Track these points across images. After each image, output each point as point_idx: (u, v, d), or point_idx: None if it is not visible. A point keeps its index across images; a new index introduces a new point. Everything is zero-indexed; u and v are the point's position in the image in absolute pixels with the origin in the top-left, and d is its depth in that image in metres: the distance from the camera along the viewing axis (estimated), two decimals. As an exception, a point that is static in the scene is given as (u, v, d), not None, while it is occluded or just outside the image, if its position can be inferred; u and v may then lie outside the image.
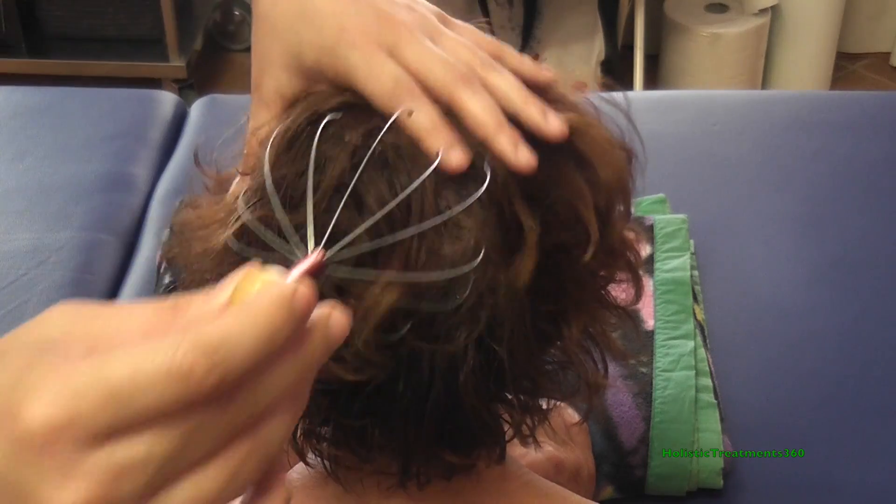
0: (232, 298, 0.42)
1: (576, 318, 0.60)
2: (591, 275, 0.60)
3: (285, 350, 0.41)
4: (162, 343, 0.39)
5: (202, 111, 1.57)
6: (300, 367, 0.42)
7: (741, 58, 2.47)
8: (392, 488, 0.61)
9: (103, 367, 0.39)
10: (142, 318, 0.42)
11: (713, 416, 1.05)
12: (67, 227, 1.34)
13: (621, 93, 0.65)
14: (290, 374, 0.41)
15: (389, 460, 0.60)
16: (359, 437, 0.59)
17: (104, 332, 0.41)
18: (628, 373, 1.07)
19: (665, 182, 1.33)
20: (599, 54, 2.45)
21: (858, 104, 1.55)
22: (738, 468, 1.04)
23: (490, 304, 0.54)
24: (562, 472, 0.90)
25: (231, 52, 2.78)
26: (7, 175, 1.43)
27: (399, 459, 0.59)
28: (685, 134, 1.46)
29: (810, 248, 1.29)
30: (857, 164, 1.40)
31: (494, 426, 0.60)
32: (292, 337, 0.41)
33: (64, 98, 1.58)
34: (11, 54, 2.54)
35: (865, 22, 2.71)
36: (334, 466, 0.62)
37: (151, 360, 0.38)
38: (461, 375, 0.55)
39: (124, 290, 1.28)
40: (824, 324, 1.20)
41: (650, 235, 1.23)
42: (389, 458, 0.60)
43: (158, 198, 1.42)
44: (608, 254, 0.60)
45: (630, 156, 0.63)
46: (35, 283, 1.27)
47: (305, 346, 0.42)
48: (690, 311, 1.14)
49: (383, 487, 0.62)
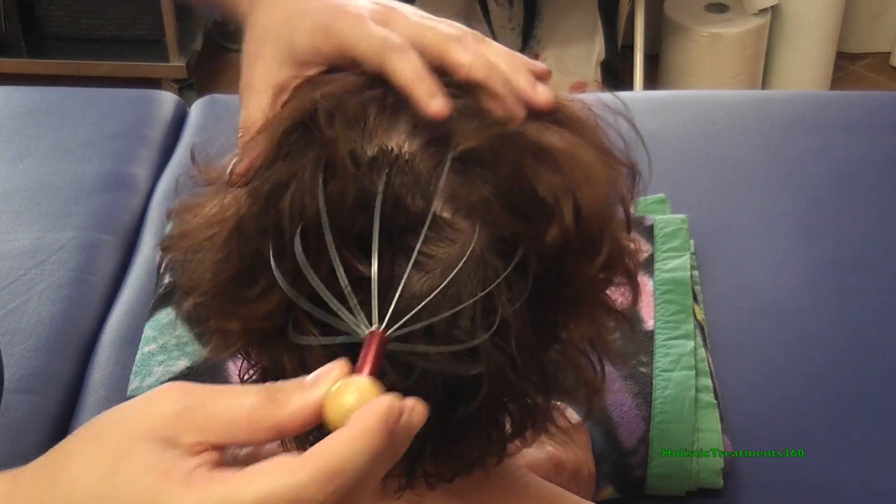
0: (328, 405, 0.46)
1: (574, 321, 0.60)
2: (588, 280, 0.60)
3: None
4: (287, 467, 0.44)
5: (202, 111, 1.57)
6: (391, 461, 0.47)
7: (741, 58, 2.47)
8: (395, 490, 0.61)
9: (236, 493, 0.44)
10: (247, 407, 0.46)
11: (713, 416, 1.05)
12: (67, 227, 1.34)
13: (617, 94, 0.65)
14: (383, 471, 0.47)
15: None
16: None
17: (214, 425, 0.46)
18: (628, 373, 1.07)
19: (665, 182, 1.33)
20: (599, 54, 2.45)
21: (858, 104, 1.55)
22: (738, 468, 1.04)
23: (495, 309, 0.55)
24: (562, 472, 0.90)
25: (231, 52, 2.78)
26: (7, 175, 1.43)
27: (405, 461, 0.59)
28: (685, 134, 1.46)
29: (810, 248, 1.29)
30: (857, 164, 1.40)
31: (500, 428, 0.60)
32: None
33: (64, 98, 1.58)
34: (11, 54, 2.53)
35: (865, 22, 2.71)
36: None
37: (280, 487, 0.44)
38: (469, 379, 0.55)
39: (124, 290, 1.28)
40: (824, 324, 1.20)
41: (650, 235, 1.23)
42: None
43: (158, 198, 1.42)
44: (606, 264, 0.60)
45: (632, 169, 0.63)
46: (35, 283, 1.27)
47: (396, 445, 0.46)
48: (690, 311, 1.14)
49: (390, 490, 0.62)
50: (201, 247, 0.60)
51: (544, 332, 0.58)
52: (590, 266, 0.58)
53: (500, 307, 0.55)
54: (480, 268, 0.54)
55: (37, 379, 1.17)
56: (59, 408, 1.16)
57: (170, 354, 1.12)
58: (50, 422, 1.14)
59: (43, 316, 1.23)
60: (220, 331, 0.60)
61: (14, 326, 1.21)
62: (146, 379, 1.10)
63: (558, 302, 0.58)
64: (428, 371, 0.55)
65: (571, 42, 2.49)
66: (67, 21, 2.55)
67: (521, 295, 0.55)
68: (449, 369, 0.55)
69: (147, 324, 1.17)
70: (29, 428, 1.13)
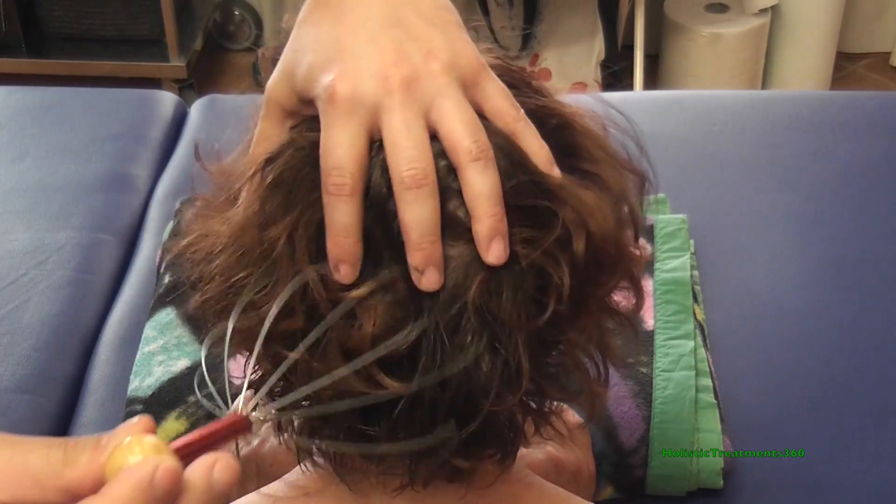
0: (108, 462, 0.44)
1: (577, 323, 0.60)
2: (593, 285, 0.60)
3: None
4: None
5: (202, 111, 1.57)
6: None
7: (741, 58, 2.47)
8: (396, 490, 0.61)
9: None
10: (38, 465, 0.44)
11: (713, 416, 1.05)
12: (67, 227, 1.34)
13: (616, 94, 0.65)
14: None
15: (396, 462, 0.60)
16: (368, 439, 0.58)
17: (4, 480, 0.44)
18: (628, 373, 1.07)
19: (665, 182, 1.32)
20: (599, 54, 2.45)
21: (858, 104, 1.55)
22: (738, 468, 1.04)
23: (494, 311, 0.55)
24: (562, 472, 0.90)
25: (231, 52, 2.78)
26: (7, 175, 1.43)
27: (407, 462, 0.59)
28: (685, 134, 1.46)
29: (810, 248, 1.29)
30: (857, 164, 1.40)
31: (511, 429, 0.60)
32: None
33: (64, 98, 1.58)
34: (11, 54, 2.53)
35: (865, 22, 2.71)
36: (340, 468, 0.62)
37: None
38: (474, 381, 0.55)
39: (124, 290, 1.28)
40: (824, 324, 1.20)
41: (650, 236, 1.23)
42: (397, 459, 0.60)
43: (158, 198, 1.42)
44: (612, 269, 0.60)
45: (642, 177, 0.63)
46: (35, 283, 1.26)
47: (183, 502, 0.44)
48: (690, 311, 1.14)
49: (389, 489, 0.62)
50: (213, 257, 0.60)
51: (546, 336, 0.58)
52: (600, 290, 0.59)
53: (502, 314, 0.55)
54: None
55: (37, 379, 1.17)
56: (59, 408, 1.16)
57: (170, 354, 1.12)
58: (50, 422, 1.14)
59: (43, 316, 1.23)
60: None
61: (14, 326, 1.21)
62: (146, 379, 1.10)
63: (560, 313, 0.58)
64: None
65: (571, 42, 2.49)
66: (67, 21, 2.55)
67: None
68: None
69: (147, 324, 1.17)
70: (29, 428, 1.13)
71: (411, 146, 0.55)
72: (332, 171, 0.55)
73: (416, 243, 0.54)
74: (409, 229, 0.54)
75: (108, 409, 1.13)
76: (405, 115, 0.55)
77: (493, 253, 0.54)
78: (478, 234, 0.55)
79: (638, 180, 0.63)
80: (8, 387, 1.15)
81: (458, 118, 0.55)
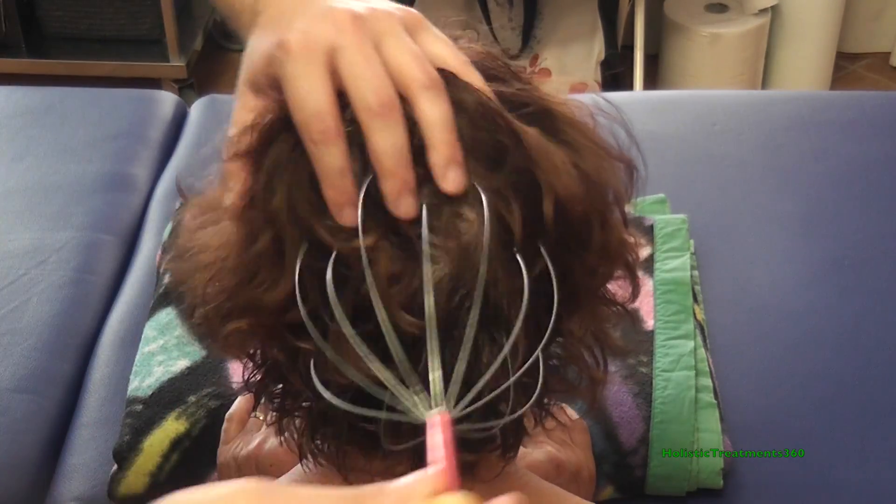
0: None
1: (575, 314, 0.60)
2: (589, 273, 0.60)
3: None
4: None
5: (202, 111, 1.57)
6: None
7: (741, 58, 2.47)
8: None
9: None
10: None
11: (713, 416, 1.05)
12: (67, 227, 1.34)
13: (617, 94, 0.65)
14: None
15: (399, 459, 0.60)
16: (371, 438, 0.58)
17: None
18: (628, 373, 1.07)
19: (665, 182, 1.33)
20: (599, 54, 2.45)
21: (858, 104, 1.55)
22: (738, 468, 1.04)
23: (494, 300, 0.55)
24: (562, 472, 0.90)
25: (231, 52, 2.78)
26: (7, 175, 1.43)
27: (410, 458, 0.59)
28: (685, 134, 1.46)
29: (810, 248, 1.29)
30: (857, 164, 1.40)
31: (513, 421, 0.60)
32: None
33: (64, 98, 1.59)
34: (11, 54, 2.53)
35: (865, 22, 2.71)
36: (342, 466, 0.62)
37: None
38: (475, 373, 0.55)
39: (124, 290, 1.28)
40: (824, 324, 1.20)
41: (650, 236, 1.23)
42: (399, 456, 0.60)
43: (158, 198, 1.42)
44: (606, 255, 0.60)
45: (629, 165, 0.63)
46: (35, 283, 1.27)
47: None
48: (690, 311, 1.14)
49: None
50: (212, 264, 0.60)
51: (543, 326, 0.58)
52: (587, 255, 0.58)
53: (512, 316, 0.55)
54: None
55: (37, 379, 1.17)
56: (59, 408, 1.16)
57: (170, 354, 1.12)
58: (50, 422, 1.14)
59: (43, 316, 1.23)
60: (231, 332, 0.60)
61: (14, 326, 1.21)
62: (146, 379, 1.10)
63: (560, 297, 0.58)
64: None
65: (571, 42, 2.49)
66: (67, 21, 2.55)
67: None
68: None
69: (147, 324, 1.17)
70: (29, 428, 1.13)
71: (374, 76, 0.55)
72: (311, 119, 0.55)
73: (391, 170, 0.54)
74: (384, 156, 0.54)
75: (108, 409, 1.13)
76: (362, 48, 0.56)
77: (450, 180, 0.55)
78: (434, 162, 0.55)
79: (626, 169, 0.63)
80: (8, 387, 1.15)
81: (406, 51, 0.57)
